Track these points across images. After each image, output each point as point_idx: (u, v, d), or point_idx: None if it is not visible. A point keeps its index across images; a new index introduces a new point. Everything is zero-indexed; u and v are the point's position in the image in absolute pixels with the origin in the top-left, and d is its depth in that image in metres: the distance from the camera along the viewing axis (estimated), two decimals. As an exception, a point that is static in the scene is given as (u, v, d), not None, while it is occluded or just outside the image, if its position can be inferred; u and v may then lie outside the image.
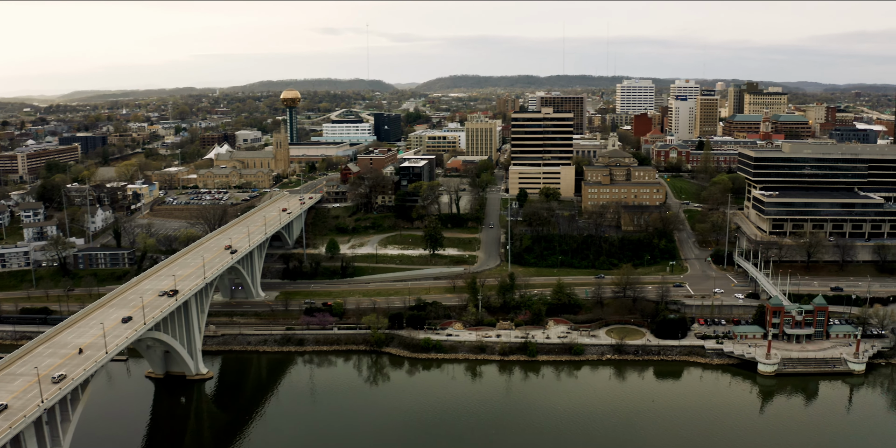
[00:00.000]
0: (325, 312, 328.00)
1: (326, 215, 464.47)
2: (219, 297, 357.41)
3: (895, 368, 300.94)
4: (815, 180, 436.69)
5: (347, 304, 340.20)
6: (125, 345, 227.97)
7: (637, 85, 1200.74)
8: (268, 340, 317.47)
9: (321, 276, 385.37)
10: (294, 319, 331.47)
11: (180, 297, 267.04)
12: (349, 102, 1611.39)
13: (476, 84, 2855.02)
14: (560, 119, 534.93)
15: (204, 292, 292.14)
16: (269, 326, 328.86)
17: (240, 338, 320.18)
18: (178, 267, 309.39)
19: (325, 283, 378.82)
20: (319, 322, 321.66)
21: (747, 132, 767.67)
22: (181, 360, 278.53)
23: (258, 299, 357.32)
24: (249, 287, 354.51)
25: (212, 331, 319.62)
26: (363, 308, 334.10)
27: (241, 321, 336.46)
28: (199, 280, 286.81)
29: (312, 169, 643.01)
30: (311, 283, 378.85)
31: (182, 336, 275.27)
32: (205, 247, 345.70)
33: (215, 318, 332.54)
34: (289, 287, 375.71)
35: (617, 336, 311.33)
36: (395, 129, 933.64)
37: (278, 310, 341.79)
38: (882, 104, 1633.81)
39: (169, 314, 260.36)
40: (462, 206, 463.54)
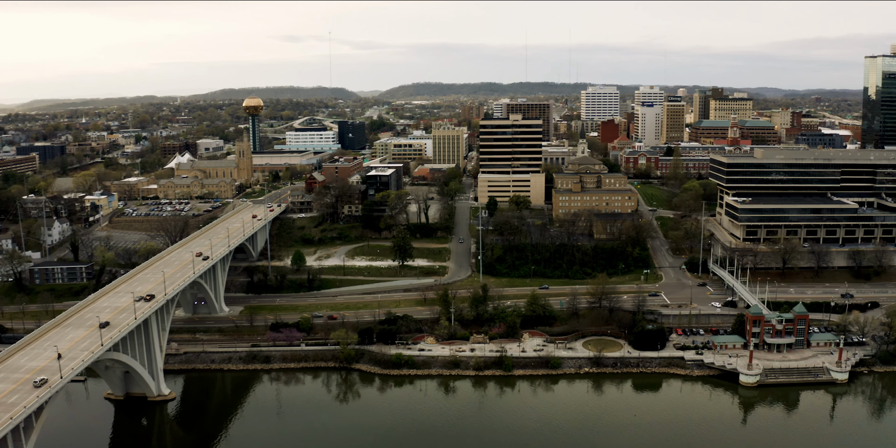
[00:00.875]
0: (292, 328, 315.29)
1: (291, 226, 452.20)
2: (181, 313, 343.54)
3: (878, 377, 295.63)
4: (788, 186, 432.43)
5: (315, 317, 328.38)
6: (81, 368, 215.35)
7: (602, 91, 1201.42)
8: (232, 358, 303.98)
9: (287, 289, 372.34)
10: (260, 335, 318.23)
11: (139, 315, 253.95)
12: (312, 110, 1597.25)
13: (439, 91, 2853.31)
14: (529, 126, 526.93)
15: (165, 309, 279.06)
16: (233, 343, 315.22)
17: (203, 356, 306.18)
18: (137, 282, 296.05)
19: (291, 296, 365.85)
20: (286, 338, 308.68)
21: (714, 138, 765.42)
22: (142, 381, 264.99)
23: (222, 314, 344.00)
24: (213, 302, 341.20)
25: (174, 348, 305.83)
26: (331, 323, 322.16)
27: (204, 338, 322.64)
28: (160, 296, 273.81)
29: (276, 178, 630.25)
30: (277, 296, 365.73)
31: (142, 356, 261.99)
32: (165, 261, 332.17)
33: (177, 335, 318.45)
34: (254, 301, 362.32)
35: (594, 348, 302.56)
36: (359, 137, 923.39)
37: (243, 325, 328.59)
38: (842, 109, 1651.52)
39: (128, 333, 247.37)
40: (431, 216, 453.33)
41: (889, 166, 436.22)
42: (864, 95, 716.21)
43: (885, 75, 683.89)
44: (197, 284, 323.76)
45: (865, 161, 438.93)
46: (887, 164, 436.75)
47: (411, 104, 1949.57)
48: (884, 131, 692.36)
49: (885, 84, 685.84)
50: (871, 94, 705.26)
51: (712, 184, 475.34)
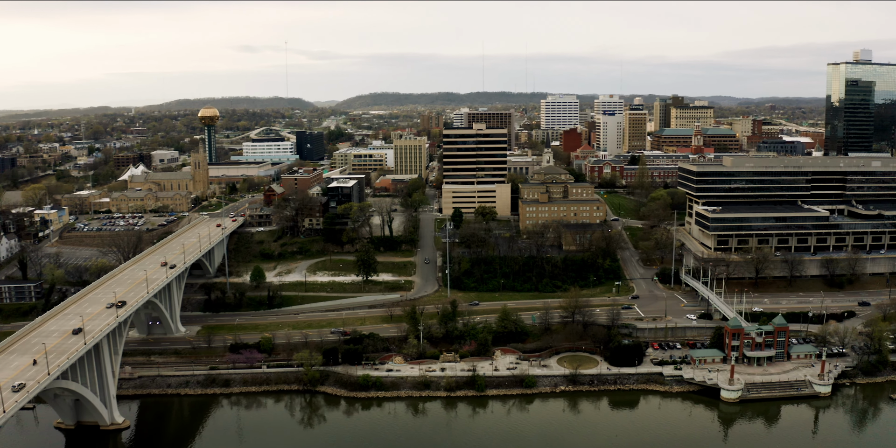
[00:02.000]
0: (253, 348, 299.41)
1: (250, 240, 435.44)
2: (134, 334, 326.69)
3: (860, 389, 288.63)
4: (758, 194, 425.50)
5: (276, 338, 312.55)
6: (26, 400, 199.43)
7: (561, 100, 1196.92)
8: (190, 382, 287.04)
9: (246, 306, 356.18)
10: (218, 357, 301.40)
11: (90, 340, 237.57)
12: (269, 121, 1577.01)
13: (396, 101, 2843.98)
14: (493, 135, 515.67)
15: (118, 331, 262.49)
16: (190, 366, 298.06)
17: (159, 380, 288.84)
18: (87, 303, 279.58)
19: (250, 314, 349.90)
20: (246, 360, 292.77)
21: (677, 146, 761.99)
22: (93, 409, 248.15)
23: (178, 335, 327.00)
24: (168, 322, 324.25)
25: (127, 373, 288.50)
26: (294, 342, 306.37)
27: (159, 361, 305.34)
28: (112, 319, 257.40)
29: (233, 190, 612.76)
30: (236, 315, 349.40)
31: (93, 382, 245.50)
32: (118, 279, 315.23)
33: (131, 358, 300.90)
34: (211, 320, 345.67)
35: (569, 365, 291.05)
36: (317, 148, 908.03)
37: (200, 347, 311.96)
38: (797, 116, 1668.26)
39: (78, 359, 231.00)
40: (395, 228, 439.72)
41: (858, 173, 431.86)
42: (827, 103, 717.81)
43: (847, 82, 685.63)
44: (151, 304, 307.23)
45: (835, 168, 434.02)
46: (857, 171, 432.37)
47: (369, 114, 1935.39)
48: (847, 138, 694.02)
49: (847, 91, 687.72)
50: (834, 101, 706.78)
51: (680, 192, 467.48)
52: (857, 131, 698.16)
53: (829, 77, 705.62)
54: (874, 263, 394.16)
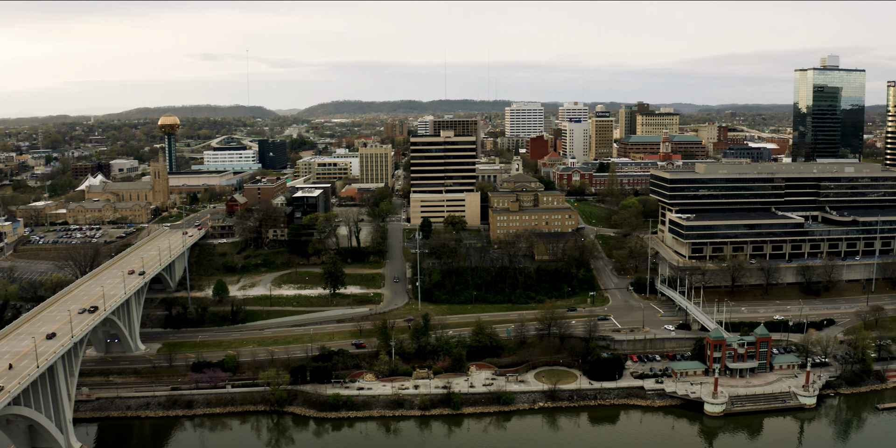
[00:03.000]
0: (216, 367, 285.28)
1: (212, 253, 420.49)
2: (92, 352, 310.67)
3: (844, 399, 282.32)
4: (731, 201, 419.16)
5: (241, 355, 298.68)
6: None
7: (526, 108, 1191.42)
8: (151, 403, 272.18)
9: (209, 322, 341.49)
10: (180, 376, 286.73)
11: (42, 363, 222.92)
12: (230, 129, 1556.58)
13: (358, 109, 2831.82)
14: (461, 143, 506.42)
15: (73, 352, 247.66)
16: (151, 386, 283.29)
17: (118, 402, 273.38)
18: (41, 322, 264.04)
19: (213, 330, 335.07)
20: (210, 379, 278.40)
21: (645, 153, 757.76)
22: (49, 435, 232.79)
23: (138, 353, 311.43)
24: (127, 339, 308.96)
25: (84, 394, 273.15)
26: (260, 360, 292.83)
27: (118, 381, 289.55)
28: (67, 339, 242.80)
29: (194, 200, 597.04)
30: (199, 331, 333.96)
31: (48, 407, 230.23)
32: (73, 295, 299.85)
33: (88, 379, 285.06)
34: (172, 337, 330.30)
35: (547, 380, 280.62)
36: (280, 156, 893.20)
37: (161, 366, 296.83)
38: (758, 123, 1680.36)
39: (31, 383, 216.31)
40: (363, 239, 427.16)
41: (831, 179, 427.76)
42: (795, 108, 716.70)
43: (815, 88, 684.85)
44: (109, 321, 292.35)
45: (808, 174, 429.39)
46: (830, 177, 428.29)
47: (331, 122, 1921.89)
48: (815, 144, 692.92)
49: (815, 97, 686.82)
50: (801, 107, 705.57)
51: (652, 200, 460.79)
52: (824, 137, 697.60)
53: (797, 83, 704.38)
54: (850, 270, 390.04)
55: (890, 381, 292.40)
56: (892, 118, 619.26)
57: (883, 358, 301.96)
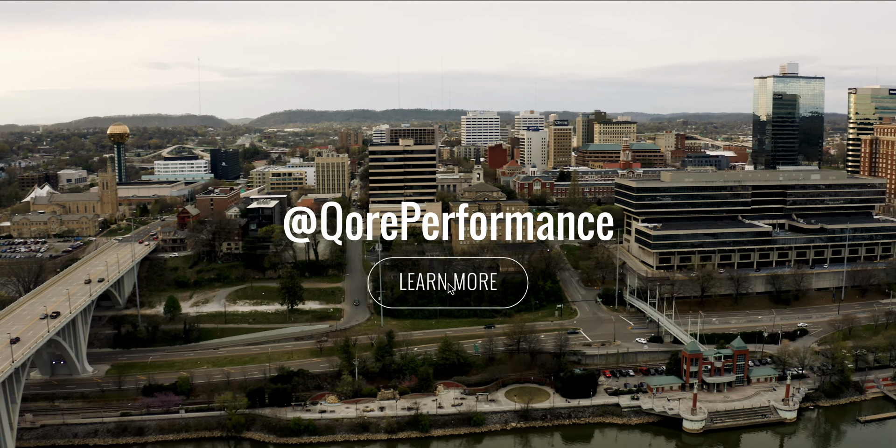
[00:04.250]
0: (169, 390, 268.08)
1: (163, 267, 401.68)
2: (36, 375, 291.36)
3: (824, 412, 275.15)
4: (698, 210, 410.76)
5: (195, 377, 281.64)
6: None
7: (482, 117, 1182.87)
8: (99, 431, 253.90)
9: (160, 341, 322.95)
10: (130, 401, 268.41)
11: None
12: (181, 138, 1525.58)
13: (311, 119, 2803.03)
14: (421, 151, 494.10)
15: (14, 377, 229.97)
16: (99, 412, 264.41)
17: (64, 429, 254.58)
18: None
19: (165, 350, 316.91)
20: (162, 404, 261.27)
21: (604, 161, 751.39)
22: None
23: (85, 376, 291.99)
24: (73, 361, 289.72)
25: (28, 421, 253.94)
26: (215, 382, 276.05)
27: (64, 406, 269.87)
28: (7, 364, 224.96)
29: (144, 212, 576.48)
30: (150, 351, 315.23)
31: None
32: (15, 315, 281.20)
33: (32, 404, 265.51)
34: (122, 358, 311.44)
35: (519, 398, 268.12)
36: (233, 166, 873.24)
37: (110, 389, 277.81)
38: (710, 131, 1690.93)
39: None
40: (321, 252, 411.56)
41: (798, 187, 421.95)
42: (754, 116, 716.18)
43: (774, 96, 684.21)
44: (54, 342, 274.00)
45: (775, 182, 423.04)
46: (796, 184, 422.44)
47: (284, 131, 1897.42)
48: (775, 152, 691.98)
49: (775, 104, 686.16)
50: (760, 115, 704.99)
51: (616, 209, 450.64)
52: (783, 145, 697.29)
53: (757, 90, 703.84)
54: (819, 278, 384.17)
55: (869, 392, 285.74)
56: (852, 125, 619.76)
57: (861, 368, 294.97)
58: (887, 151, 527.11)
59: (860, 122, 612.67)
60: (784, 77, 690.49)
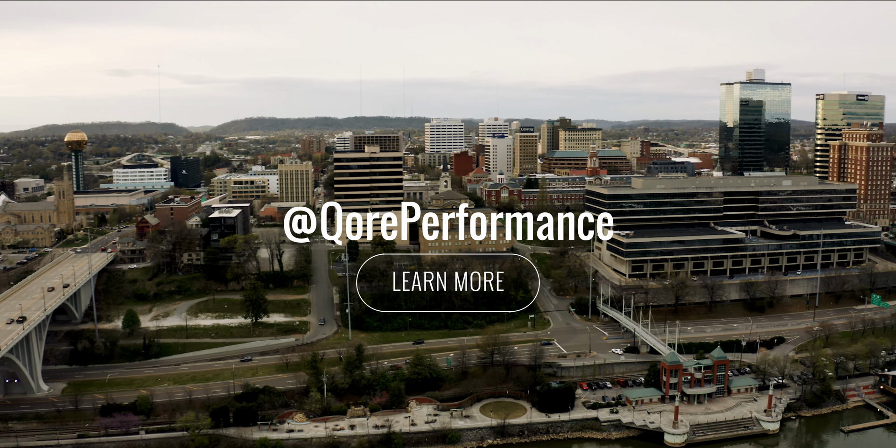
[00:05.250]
0: (128, 410, 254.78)
1: (121, 279, 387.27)
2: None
3: (806, 422, 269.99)
4: (670, 217, 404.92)
5: (155, 395, 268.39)
6: None
7: (446, 124, 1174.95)
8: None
9: (119, 357, 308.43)
10: (88, 421, 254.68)
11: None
12: (141, 146, 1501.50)
13: (273, 126, 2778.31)
14: (387, 158, 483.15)
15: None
16: (55, 433, 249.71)
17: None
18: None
19: (124, 367, 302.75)
20: (120, 424, 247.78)
21: (570, 168, 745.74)
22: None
23: (40, 395, 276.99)
24: (28, 380, 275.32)
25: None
26: (176, 401, 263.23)
27: (18, 428, 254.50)
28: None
29: (103, 221, 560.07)
30: (108, 368, 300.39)
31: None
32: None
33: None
34: (79, 375, 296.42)
35: (495, 413, 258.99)
36: (193, 174, 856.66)
37: (66, 409, 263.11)
38: (671, 138, 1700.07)
39: None
40: (285, 262, 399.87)
41: (770, 193, 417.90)
42: (721, 122, 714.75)
43: (741, 102, 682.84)
44: (7, 359, 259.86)
45: (747, 188, 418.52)
46: (768, 190, 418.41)
47: (245, 139, 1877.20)
48: (742, 158, 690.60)
49: (741, 111, 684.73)
50: (727, 121, 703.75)
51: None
52: (750, 151, 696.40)
53: (723, 96, 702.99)
54: (793, 285, 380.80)
55: (851, 401, 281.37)
56: (820, 131, 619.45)
57: (841, 377, 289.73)
58: (856, 157, 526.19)
59: (828, 128, 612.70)
60: (751, 83, 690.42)
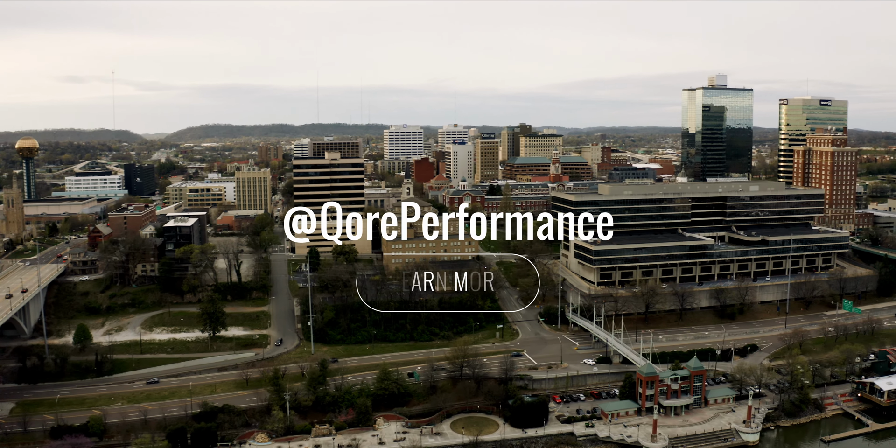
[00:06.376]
0: (79, 432, 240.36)
1: (72, 292, 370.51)
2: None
3: (785, 433, 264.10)
4: (638, 223, 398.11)
5: (109, 416, 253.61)
6: None
7: (406, 130, 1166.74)
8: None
9: (70, 375, 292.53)
10: (37, 444, 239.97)
11: None
12: (95, 153, 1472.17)
13: (229, 133, 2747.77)
14: (349, 165, 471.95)
15: None
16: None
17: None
18: None
19: (76, 385, 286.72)
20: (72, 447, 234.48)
21: (532, 175, 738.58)
22: None
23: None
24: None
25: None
26: (131, 421, 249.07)
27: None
28: None
29: (54, 231, 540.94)
30: (58, 386, 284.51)
31: None
32: None
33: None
34: (28, 394, 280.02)
35: (466, 430, 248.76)
36: (148, 182, 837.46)
37: (15, 431, 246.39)
38: (627, 145, 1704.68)
39: None
40: (244, 273, 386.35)
41: (738, 198, 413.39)
42: (683, 128, 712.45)
43: (703, 108, 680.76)
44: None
45: (715, 194, 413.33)
46: (736, 196, 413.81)
47: (201, 146, 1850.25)
48: (704, 164, 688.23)
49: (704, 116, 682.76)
50: (689, 127, 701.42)
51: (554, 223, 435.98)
52: (712, 157, 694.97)
53: (685, 102, 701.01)
54: (763, 291, 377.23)
55: (829, 410, 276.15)
56: (784, 136, 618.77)
57: (818, 385, 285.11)
58: (821, 162, 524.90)
59: (791, 133, 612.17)
60: (713, 89, 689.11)
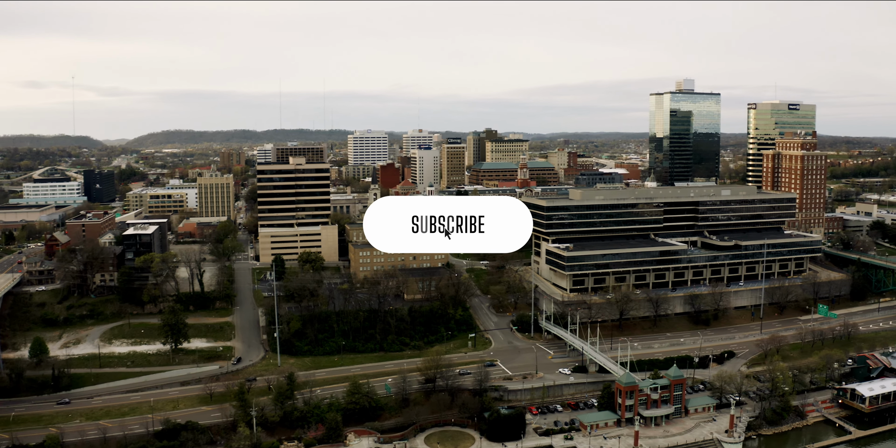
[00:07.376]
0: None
1: (28, 303, 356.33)
2: None
3: (767, 441, 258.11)
4: (610, 229, 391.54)
5: (66, 434, 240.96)
6: None
7: (370, 136, 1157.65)
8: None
9: (26, 391, 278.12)
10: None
11: None
12: (54, 160, 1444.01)
13: (190, 139, 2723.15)
14: (314, 170, 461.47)
15: None
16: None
17: None
18: None
19: (31, 401, 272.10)
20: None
21: (499, 180, 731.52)
22: None
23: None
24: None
25: None
26: (90, 440, 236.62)
27: None
28: None
29: (10, 239, 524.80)
30: (13, 403, 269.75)
31: None
32: None
33: None
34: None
35: (441, 444, 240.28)
36: (108, 188, 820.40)
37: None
38: (591, 150, 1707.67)
39: None
40: (206, 282, 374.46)
41: (710, 203, 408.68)
42: (650, 133, 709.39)
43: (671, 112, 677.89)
44: None
45: (687, 198, 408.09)
46: (708, 200, 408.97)
47: (162, 152, 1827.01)
48: (672, 168, 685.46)
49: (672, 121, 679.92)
50: (656, 131, 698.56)
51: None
52: (680, 161, 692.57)
53: (653, 106, 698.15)
54: (737, 297, 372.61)
55: (810, 417, 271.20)
56: (752, 141, 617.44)
57: (799, 391, 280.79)
58: (790, 166, 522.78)
59: (760, 137, 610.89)
60: (680, 93, 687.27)
